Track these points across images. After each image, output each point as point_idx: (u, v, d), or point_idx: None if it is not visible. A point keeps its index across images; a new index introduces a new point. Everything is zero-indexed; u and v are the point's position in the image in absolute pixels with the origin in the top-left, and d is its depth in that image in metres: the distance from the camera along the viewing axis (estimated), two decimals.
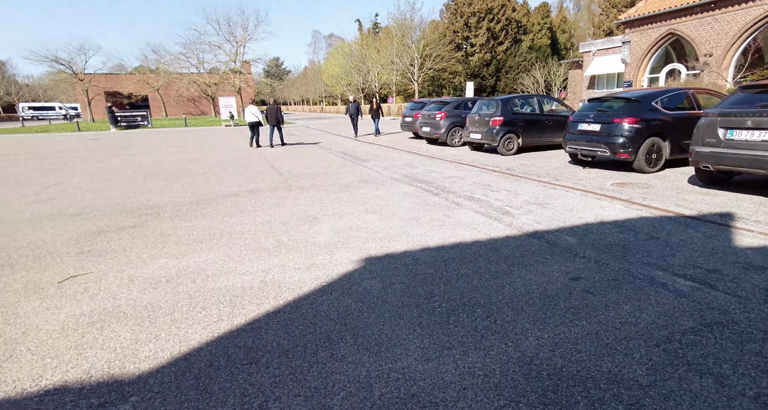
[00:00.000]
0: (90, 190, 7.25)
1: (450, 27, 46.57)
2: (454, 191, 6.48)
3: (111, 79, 48.39)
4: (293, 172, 8.88)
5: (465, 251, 3.88)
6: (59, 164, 10.80)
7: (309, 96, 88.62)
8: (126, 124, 27.07)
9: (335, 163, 10.12)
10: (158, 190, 7.19)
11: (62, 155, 12.87)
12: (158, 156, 12.09)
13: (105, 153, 13.14)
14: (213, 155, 12.02)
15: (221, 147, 14.31)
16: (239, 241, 4.36)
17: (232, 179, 8.20)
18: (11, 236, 4.66)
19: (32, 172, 9.46)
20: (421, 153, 11.68)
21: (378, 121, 17.50)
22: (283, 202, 6.10)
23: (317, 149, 13.41)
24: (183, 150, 13.61)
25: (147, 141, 17.53)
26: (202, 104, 54.82)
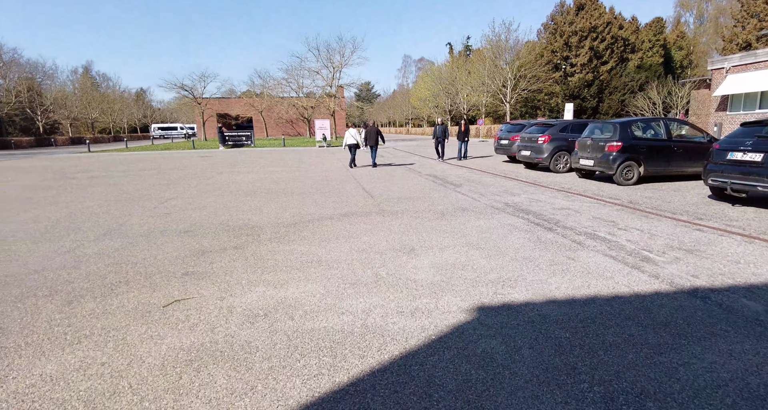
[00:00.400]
0: (198, 206, 7.69)
1: (548, 47, 44.60)
2: (571, 227, 5.64)
3: (222, 103, 54.29)
4: (384, 195, 8.65)
5: (605, 309, 3.14)
6: (175, 179, 11.90)
7: (396, 118, 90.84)
8: (232, 143, 29.79)
9: (426, 187, 9.73)
10: (258, 209, 7.38)
11: (178, 171, 14.27)
12: (259, 174, 12.79)
13: (213, 170, 14.30)
14: (308, 175, 12.40)
15: (315, 167, 14.80)
16: (336, 271, 4.09)
17: (326, 200, 8.19)
18: (131, 250, 4.93)
19: (154, 187, 10.47)
20: (519, 179, 10.81)
21: (465, 144, 16.72)
22: (377, 228, 5.80)
23: (406, 171, 13.19)
24: (281, 169, 14.30)
25: (249, 160, 18.90)
26: (298, 126, 58.91)
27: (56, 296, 3.54)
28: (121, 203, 8.14)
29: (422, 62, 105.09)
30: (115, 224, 6.30)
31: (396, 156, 19.48)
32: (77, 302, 3.39)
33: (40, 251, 4.91)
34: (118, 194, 9.34)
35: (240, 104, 53.74)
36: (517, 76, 36.74)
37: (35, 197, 8.92)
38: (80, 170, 15.28)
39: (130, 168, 15.42)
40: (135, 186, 10.55)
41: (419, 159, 17.73)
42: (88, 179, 12.28)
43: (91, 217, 6.82)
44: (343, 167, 14.56)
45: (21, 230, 5.98)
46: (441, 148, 16.34)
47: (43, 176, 13.44)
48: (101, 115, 60.73)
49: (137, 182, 11.45)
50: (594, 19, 42.79)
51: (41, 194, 9.48)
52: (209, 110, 51.77)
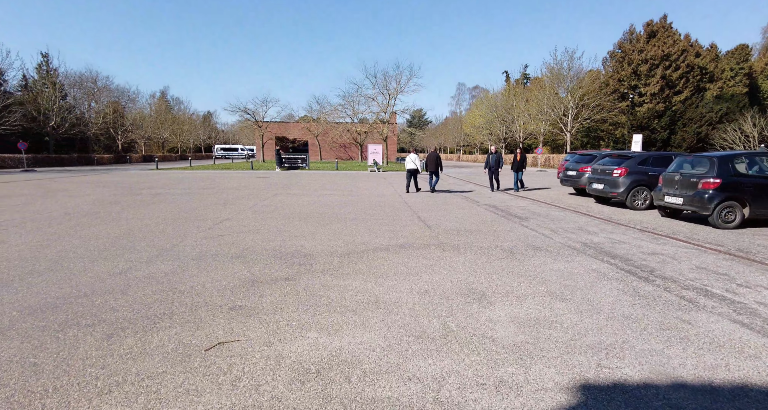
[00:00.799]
0: (251, 229, 7.52)
1: (614, 75, 42.57)
2: (672, 278, 4.74)
3: (281, 126, 56.76)
4: (442, 226, 8.06)
5: (763, 405, 2.33)
6: (232, 199, 12.05)
7: (447, 145, 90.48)
8: (288, 165, 30.65)
9: (488, 219, 9.01)
10: (311, 235, 7.06)
11: (236, 191, 14.55)
12: (312, 197, 12.69)
13: (268, 191, 14.45)
14: (361, 200, 12.11)
15: (368, 192, 14.54)
16: (397, 317, 3.55)
17: (380, 228, 7.74)
18: (180, 275, 4.69)
19: (211, 207, 10.59)
20: (591, 214, 9.80)
21: (521, 174, 15.47)
22: (439, 265, 5.21)
23: (462, 199, 12.53)
24: (334, 193, 14.17)
25: (304, 182, 19.09)
26: (350, 150, 60.16)
27: (98, 327, 3.27)
28: (178, 222, 8.17)
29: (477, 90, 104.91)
30: (169, 244, 6.20)
31: (450, 183, 18.86)
32: (117, 337, 3.09)
33: (94, 271, 4.80)
34: (176, 212, 9.48)
35: (298, 127, 55.95)
36: (579, 105, 35.21)
37: (102, 213, 9.24)
38: (146, 186, 16.07)
39: (191, 186, 16.00)
40: (193, 205, 10.74)
41: (475, 187, 16.99)
42: (152, 195, 12.77)
43: (147, 235, 6.81)
44: (395, 193, 14.19)
45: (82, 246, 6.02)
46: (495, 178, 15.24)
47: (113, 191, 14.21)
48: (171, 135, 65.66)
49: (196, 200, 11.70)
50: (667, 46, 40.46)
51: (108, 209, 9.84)
52: (269, 132, 54.28)
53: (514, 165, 15.42)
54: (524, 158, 15.49)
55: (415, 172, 14.55)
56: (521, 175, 15.49)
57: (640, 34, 41.92)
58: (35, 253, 5.55)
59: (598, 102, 34.90)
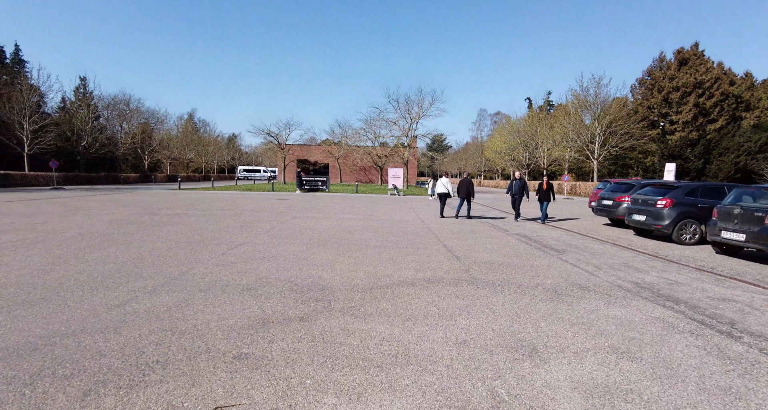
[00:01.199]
0: (267, 256, 7.02)
1: (644, 102, 41.54)
2: (764, 336, 3.95)
3: (303, 149, 57.47)
4: (472, 257, 7.40)
5: None
6: (249, 222, 11.68)
7: (468, 169, 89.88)
8: (309, 187, 30.55)
9: (521, 250, 8.30)
10: (330, 264, 6.51)
11: (254, 213, 14.23)
12: (333, 222, 12.22)
13: (287, 214, 14.07)
14: (382, 225, 11.56)
15: (389, 217, 14.00)
16: (432, 378, 2.91)
17: (404, 258, 7.14)
18: (184, 311, 4.18)
19: (227, 230, 10.21)
20: (634, 248, 8.96)
21: (547, 204, 13.79)
22: (475, 307, 4.55)
23: (490, 227, 11.83)
24: (354, 217, 13.68)
25: (323, 205, 18.72)
26: (370, 173, 60.24)
27: (76, 379, 2.74)
28: (191, 245, 7.76)
29: (498, 116, 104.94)
30: (177, 271, 5.74)
31: (474, 209, 18.16)
32: (94, 396, 2.54)
33: (91, 302, 4.34)
34: (190, 234, 9.12)
35: (319, 150, 56.51)
36: (606, 132, 34.33)
37: (116, 233, 8.95)
38: (166, 206, 15.95)
39: (210, 207, 15.80)
40: (209, 227, 10.39)
41: (500, 214, 16.24)
42: (169, 216, 12.54)
43: (157, 260, 6.39)
44: (417, 219, 13.60)
45: (86, 271, 5.62)
46: (517, 205, 14.05)
47: (132, 210, 14.09)
48: (196, 156, 67.29)
49: (213, 222, 11.37)
50: (699, 74, 39.42)
51: (122, 229, 9.57)
52: (291, 155, 54.95)
53: (540, 195, 13.77)
54: (551, 188, 13.92)
55: (446, 196, 14.40)
56: (547, 206, 13.94)
57: (671, 62, 41.08)
58: (34, 279, 5.16)
59: (627, 129, 33.93)
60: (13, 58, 41.78)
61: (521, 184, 13.92)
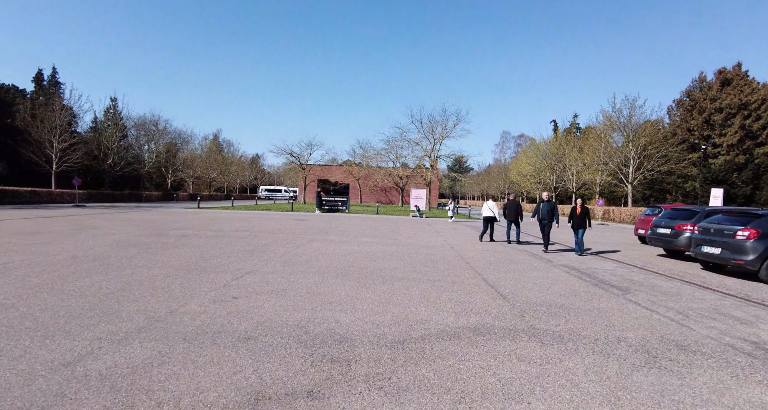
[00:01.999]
0: (275, 290, 5.92)
1: (683, 125, 39.45)
2: None
3: (324, 169, 57.23)
4: (521, 296, 6.11)
5: None
6: (262, 245, 10.67)
7: (490, 192, 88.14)
8: (328, 207, 29.70)
9: (577, 287, 6.95)
10: (350, 302, 5.35)
11: (270, 235, 13.25)
12: (352, 246, 11.10)
13: (305, 236, 13.04)
14: (408, 252, 10.36)
15: (414, 242, 12.78)
16: None
17: (440, 295, 5.92)
18: (157, 371, 3.08)
19: (236, 254, 9.22)
20: (712, 288, 7.46)
21: (582, 232, 11.24)
22: (550, 377, 3.29)
23: (529, 256, 10.46)
24: (376, 241, 12.53)
25: (343, 227, 17.67)
26: (391, 194, 59.34)
27: None
28: (191, 273, 6.74)
29: (522, 138, 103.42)
30: (164, 310, 4.68)
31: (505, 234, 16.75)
32: None
33: (34, 357, 3.29)
34: (194, 260, 8.13)
35: (340, 171, 56.14)
36: (641, 155, 32.52)
37: (112, 257, 8.05)
38: (179, 226, 15.19)
39: (224, 228, 14.95)
40: (217, 251, 9.41)
41: (536, 240, 14.80)
42: (178, 237, 11.67)
43: (145, 293, 5.36)
44: (445, 244, 12.34)
45: (53, 307, 4.62)
46: (546, 233, 11.80)
47: (142, 230, 13.34)
48: (219, 175, 68.01)
49: (223, 245, 10.41)
50: (744, 95, 37.32)
51: (121, 252, 8.68)
52: (312, 175, 54.74)
53: (573, 221, 11.44)
54: (586, 213, 11.44)
55: (493, 220, 13.63)
56: (583, 234, 11.35)
57: (712, 82, 39.18)
58: None
59: (664, 152, 32.04)
60: (50, 80, 43.40)
61: (550, 207, 11.84)
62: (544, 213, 11.85)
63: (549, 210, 11.82)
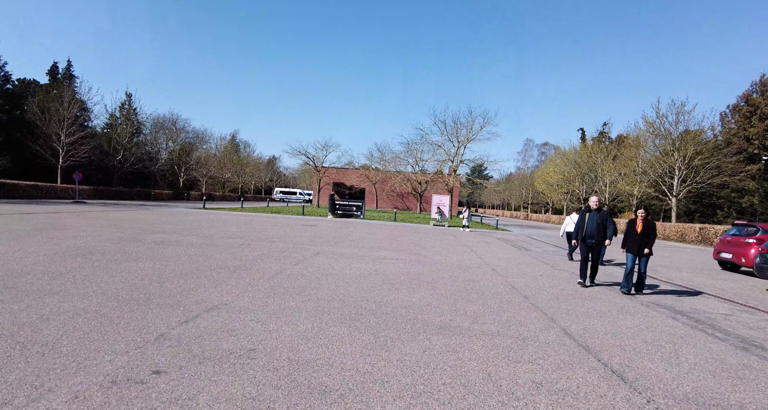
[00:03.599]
0: (237, 349, 3.54)
1: (739, 133, 35.71)
2: None
3: (340, 172, 55.18)
4: (646, 374, 3.64)
5: None
6: (251, 259, 8.35)
7: (512, 201, 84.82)
8: (342, 212, 27.44)
9: (718, 353, 4.40)
10: (361, 387, 2.94)
11: (265, 244, 10.97)
12: (367, 263, 8.70)
13: (310, 248, 10.70)
14: (439, 274, 7.91)
15: (444, 259, 10.31)
16: None
17: (514, 372, 3.47)
18: None
19: (210, 272, 6.94)
20: None
21: (646, 260, 7.71)
22: None
23: (613, 292, 7.87)
24: (396, 256, 10.11)
25: (357, 235, 15.30)
26: (408, 200, 56.87)
27: None
28: (123, 308, 4.43)
29: (546, 147, 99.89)
30: (43, 388, 2.33)
31: (549, 252, 14.12)
32: None
33: None
34: (147, 281, 5.84)
35: (356, 174, 54.02)
36: (689, 166, 29.32)
37: (39, 273, 5.85)
38: (164, 229, 13.06)
39: (216, 233, 12.75)
40: (189, 267, 7.13)
41: None
42: (152, 244, 9.47)
43: (50, 341, 3.04)
44: (483, 264, 9.85)
45: None
46: (593, 259, 8.05)
47: (118, 233, 11.24)
48: (233, 176, 66.67)
49: (202, 258, 8.14)
50: None
51: (61, 266, 6.49)
52: (327, 177, 52.75)
53: (630, 241, 7.85)
54: (652, 230, 7.86)
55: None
56: (647, 262, 7.75)
57: None
58: None
59: (716, 163, 28.76)
60: (65, 72, 42.57)
61: (601, 219, 7.97)
62: (591, 228, 7.95)
63: (599, 223, 7.93)
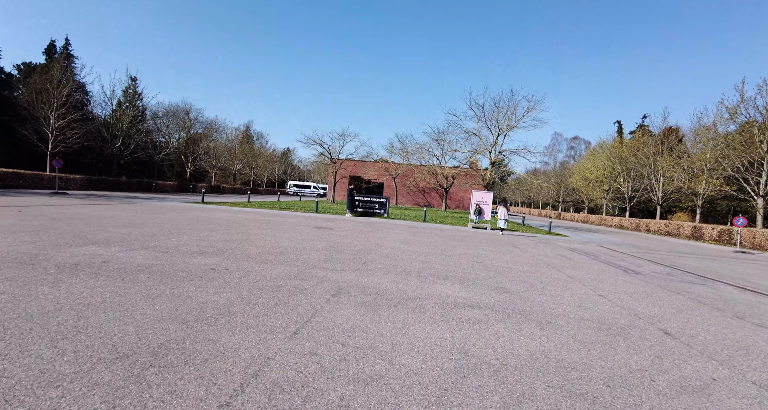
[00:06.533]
0: None
1: None
2: None
3: (357, 165, 51.01)
4: None
5: None
6: (209, 316, 4.21)
7: (539, 199, 79.53)
8: (362, 210, 23.30)
9: None
10: None
11: (253, 267, 6.89)
12: (434, 326, 4.52)
13: (325, 277, 6.55)
14: (589, 356, 3.67)
15: (544, 297, 6.08)
16: None
17: None
18: None
19: (86, 374, 2.74)
20: None
21: None
22: None
23: None
24: (473, 297, 5.90)
25: (389, 244, 11.10)
26: (430, 196, 52.46)
27: None
28: None
29: (576, 141, 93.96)
30: None
31: (676, 278, 9.70)
32: None
33: None
34: None
35: (375, 167, 49.78)
36: None
37: None
38: (112, 237, 9.11)
39: (185, 244, 8.74)
40: (38, 356, 2.99)
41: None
42: (54, 270, 5.41)
43: None
44: (619, 311, 5.55)
45: None
46: None
47: (28, 245, 7.32)
48: (244, 167, 63.13)
49: (103, 314, 4.05)
50: None
51: None
52: (343, 170, 48.70)
53: None
54: None
55: None
56: None
57: None
58: None
59: None
60: (62, 51, 39.21)
61: None
62: None
63: None
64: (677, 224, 29.55)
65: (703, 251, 18.93)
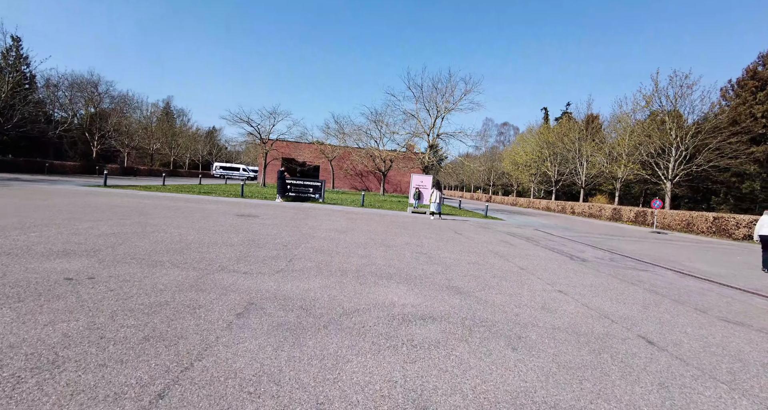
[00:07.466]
0: None
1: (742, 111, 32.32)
2: None
3: (290, 146, 48.24)
4: None
5: None
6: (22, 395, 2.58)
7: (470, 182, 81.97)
8: (295, 194, 21.49)
9: None
10: None
11: (137, 272, 5.21)
12: (383, 359, 3.26)
13: (234, 284, 5.06)
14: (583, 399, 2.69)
15: (501, 296, 5.17)
16: None
17: None
18: None
19: None
20: None
21: None
22: None
23: None
24: (425, 304, 4.81)
25: (323, 235, 9.72)
26: (368, 179, 51.39)
27: None
28: None
29: (506, 127, 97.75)
30: None
31: (627, 265, 9.46)
32: None
33: None
34: None
35: (309, 149, 47.34)
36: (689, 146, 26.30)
37: None
38: None
39: (48, 240, 6.68)
40: None
41: None
42: None
43: None
44: (586, 312, 4.80)
45: None
46: None
47: None
48: (163, 147, 57.24)
49: None
50: None
51: None
52: (275, 151, 45.65)
53: None
54: None
55: None
56: None
57: None
58: None
59: (717, 145, 25.94)
60: None
61: None
62: None
63: None
64: (599, 207, 31.32)
65: (626, 232, 19.88)
